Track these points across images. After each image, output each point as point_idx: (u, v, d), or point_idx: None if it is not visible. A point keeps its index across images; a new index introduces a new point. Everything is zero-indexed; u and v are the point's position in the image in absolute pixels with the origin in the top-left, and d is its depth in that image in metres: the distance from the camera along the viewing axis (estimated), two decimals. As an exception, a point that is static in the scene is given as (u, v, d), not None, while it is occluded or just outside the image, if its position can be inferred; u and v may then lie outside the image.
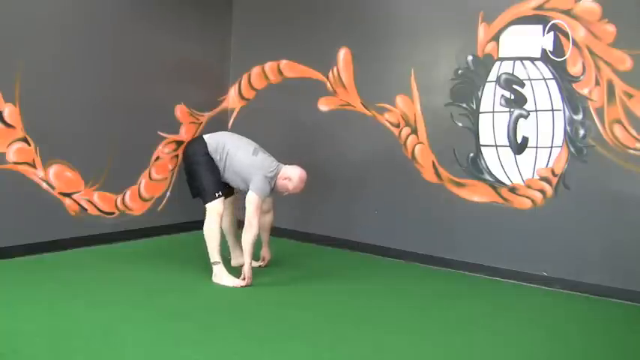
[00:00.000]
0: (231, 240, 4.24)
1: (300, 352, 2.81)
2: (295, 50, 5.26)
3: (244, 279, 3.77)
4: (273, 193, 4.04)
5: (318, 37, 5.15)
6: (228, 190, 4.07)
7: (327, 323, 3.23)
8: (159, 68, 4.99)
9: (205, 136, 4.00)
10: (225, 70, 5.62)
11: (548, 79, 4.17)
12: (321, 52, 5.10)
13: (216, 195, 3.83)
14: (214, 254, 3.82)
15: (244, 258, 3.82)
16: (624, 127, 3.92)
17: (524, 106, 4.26)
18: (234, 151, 3.91)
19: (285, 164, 4.00)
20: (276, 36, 5.39)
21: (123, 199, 4.78)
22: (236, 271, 3.91)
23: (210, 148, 3.91)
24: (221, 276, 3.80)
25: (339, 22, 5.04)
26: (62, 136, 4.32)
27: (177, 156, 5.17)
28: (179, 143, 5.18)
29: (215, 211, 3.82)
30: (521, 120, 4.28)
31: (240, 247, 3.99)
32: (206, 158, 3.90)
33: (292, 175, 3.92)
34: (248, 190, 3.83)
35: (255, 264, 4.14)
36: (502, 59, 4.33)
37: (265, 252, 4.29)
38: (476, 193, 4.46)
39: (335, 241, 5.06)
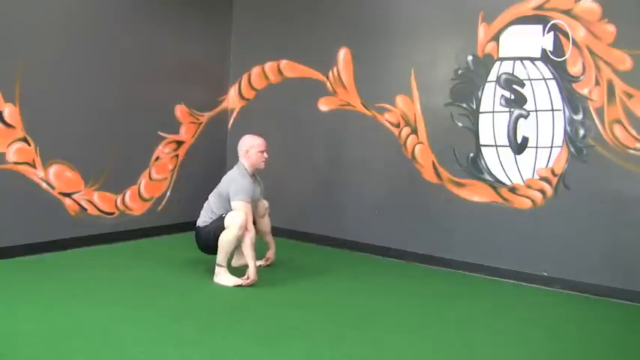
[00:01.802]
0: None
1: (300, 352, 2.81)
2: (295, 50, 5.26)
3: (247, 278, 3.76)
4: (258, 181, 4.06)
5: (318, 37, 5.15)
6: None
7: (327, 323, 3.23)
8: (159, 68, 5.00)
9: (198, 222, 4.02)
10: (225, 70, 5.63)
11: (548, 79, 4.17)
12: (321, 52, 5.10)
13: (223, 215, 3.84)
14: (221, 259, 3.82)
15: (248, 261, 3.81)
16: (624, 127, 3.92)
17: (524, 106, 4.26)
18: (210, 201, 3.99)
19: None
20: (276, 36, 5.39)
21: (123, 199, 4.78)
22: (236, 272, 3.90)
23: (202, 223, 3.95)
24: (222, 276, 3.80)
25: (339, 22, 5.04)
26: (62, 136, 4.32)
27: (177, 156, 5.18)
28: (179, 143, 5.19)
29: (235, 223, 3.75)
30: (521, 120, 4.28)
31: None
32: (203, 229, 3.95)
33: (246, 144, 3.96)
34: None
35: (257, 263, 4.13)
36: (502, 59, 4.33)
37: (271, 253, 4.32)
38: (476, 193, 4.46)
39: (335, 240, 5.06)
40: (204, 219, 3.97)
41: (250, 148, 3.96)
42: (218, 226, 3.83)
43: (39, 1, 4.13)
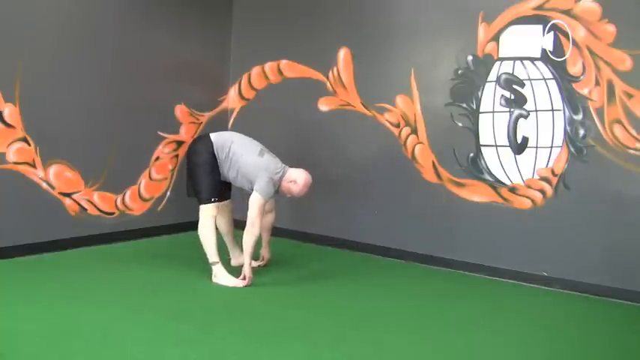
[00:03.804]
0: (229, 241, 4.25)
1: (299, 352, 2.81)
2: (295, 50, 5.26)
3: (244, 279, 3.77)
4: (277, 194, 4.03)
5: (318, 37, 5.15)
6: (224, 193, 4.07)
7: (326, 323, 3.22)
8: (159, 68, 5.00)
9: (212, 135, 3.97)
10: (225, 70, 5.63)
11: (548, 79, 4.17)
12: (321, 52, 5.10)
13: (212, 200, 3.83)
14: (212, 255, 3.81)
15: (244, 258, 3.82)
16: (624, 127, 3.92)
17: (524, 106, 4.26)
18: (240, 151, 3.89)
19: (291, 166, 4.00)
20: (276, 36, 5.39)
21: (123, 199, 4.78)
22: (236, 271, 3.91)
23: (217, 146, 3.90)
24: (220, 276, 3.80)
25: (339, 22, 5.04)
26: (62, 136, 4.32)
27: (177, 156, 5.18)
28: (179, 143, 5.19)
29: (208, 213, 3.81)
30: (521, 120, 4.28)
31: (240, 247, 4.01)
32: (208, 158, 3.87)
33: (298, 179, 3.91)
34: (252, 190, 3.84)
35: (255, 264, 4.14)
36: (502, 59, 4.33)
37: (265, 252, 4.29)
38: (476, 193, 4.46)
39: (335, 241, 5.06)
40: (218, 149, 3.89)
41: (296, 185, 3.90)
42: (212, 183, 3.83)
43: (39, 2, 4.13)
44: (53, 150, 4.26)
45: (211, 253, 3.81)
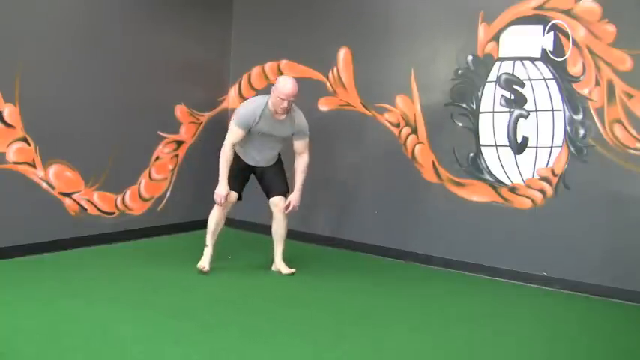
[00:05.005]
0: (275, 246, 4.25)
1: (299, 350, 2.81)
2: (295, 50, 5.26)
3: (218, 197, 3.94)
4: (297, 129, 4.07)
5: (318, 37, 5.15)
6: (275, 188, 4.17)
7: (327, 321, 3.23)
8: (159, 68, 4.99)
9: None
10: (225, 70, 5.63)
11: (548, 79, 4.17)
12: (321, 51, 5.10)
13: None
14: (207, 238, 4.05)
15: (220, 178, 3.93)
16: (624, 127, 3.92)
17: (524, 106, 4.26)
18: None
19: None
20: (276, 36, 5.39)
21: (123, 199, 4.78)
22: (237, 270, 3.90)
23: (237, 150, 4.08)
24: (202, 257, 4.03)
25: (339, 22, 5.04)
26: (62, 136, 4.32)
27: (177, 156, 5.17)
28: (179, 143, 5.19)
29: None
30: (521, 120, 4.28)
31: (280, 254, 4.17)
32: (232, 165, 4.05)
33: (275, 86, 3.88)
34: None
35: (288, 270, 4.13)
36: (502, 59, 4.33)
37: (295, 196, 4.14)
38: (476, 193, 4.46)
39: (335, 241, 5.06)
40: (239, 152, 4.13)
41: (276, 90, 3.84)
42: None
43: (39, 1, 4.13)
44: (53, 150, 4.25)
45: (207, 236, 4.04)
